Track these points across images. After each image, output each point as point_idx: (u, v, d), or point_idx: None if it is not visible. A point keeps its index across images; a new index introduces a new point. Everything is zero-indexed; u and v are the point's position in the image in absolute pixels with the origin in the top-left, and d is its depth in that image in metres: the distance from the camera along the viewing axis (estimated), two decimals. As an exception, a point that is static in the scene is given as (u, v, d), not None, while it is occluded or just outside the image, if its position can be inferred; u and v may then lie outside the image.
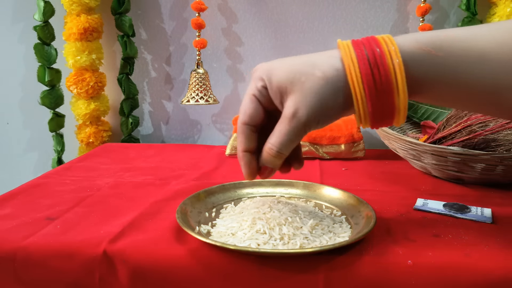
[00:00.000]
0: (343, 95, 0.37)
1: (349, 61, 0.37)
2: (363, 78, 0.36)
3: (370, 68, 0.36)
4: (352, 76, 0.37)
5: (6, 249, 0.43)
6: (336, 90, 0.37)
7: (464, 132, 0.60)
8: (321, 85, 0.38)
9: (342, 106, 0.38)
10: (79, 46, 0.88)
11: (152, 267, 0.41)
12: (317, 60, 0.39)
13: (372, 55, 0.37)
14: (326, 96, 0.38)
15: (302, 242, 0.40)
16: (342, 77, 0.37)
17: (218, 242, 0.39)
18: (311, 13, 0.90)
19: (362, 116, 0.38)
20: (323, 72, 0.38)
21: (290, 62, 0.40)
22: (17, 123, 1.03)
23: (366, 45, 0.38)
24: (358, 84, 0.37)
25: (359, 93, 0.37)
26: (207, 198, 0.51)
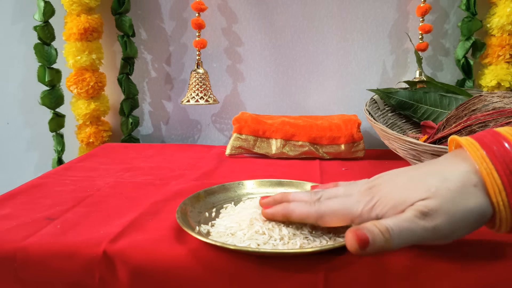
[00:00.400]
0: (490, 215, 0.35)
1: (491, 180, 0.34)
2: (504, 185, 0.34)
3: (510, 171, 0.34)
4: (497, 200, 0.34)
5: (6, 249, 0.43)
6: (484, 214, 0.35)
7: (464, 132, 0.60)
8: (463, 199, 0.35)
9: (485, 223, 0.36)
10: (79, 46, 0.88)
11: (152, 267, 0.41)
12: (445, 173, 0.36)
13: (506, 154, 0.34)
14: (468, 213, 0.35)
15: (302, 242, 0.40)
16: (486, 199, 0.35)
17: (218, 242, 0.39)
18: (311, 13, 0.90)
19: (504, 223, 0.35)
20: (456, 185, 0.35)
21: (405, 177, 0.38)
22: (17, 123, 1.03)
23: (493, 143, 0.35)
24: (504, 207, 0.34)
25: (504, 216, 0.34)
26: (207, 198, 0.52)
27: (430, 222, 0.34)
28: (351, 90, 0.93)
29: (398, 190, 0.37)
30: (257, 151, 0.79)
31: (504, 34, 0.81)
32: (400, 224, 0.34)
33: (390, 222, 0.35)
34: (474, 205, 0.34)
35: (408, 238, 0.35)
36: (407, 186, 0.37)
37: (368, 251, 0.34)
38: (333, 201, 0.40)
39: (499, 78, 0.81)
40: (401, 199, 0.36)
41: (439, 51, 0.90)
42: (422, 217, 0.34)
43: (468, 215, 0.34)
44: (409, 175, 0.38)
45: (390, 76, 0.91)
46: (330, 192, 0.41)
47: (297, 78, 0.94)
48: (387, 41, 0.90)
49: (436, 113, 0.77)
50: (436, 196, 0.35)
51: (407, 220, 0.34)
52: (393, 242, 0.34)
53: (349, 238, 0.34)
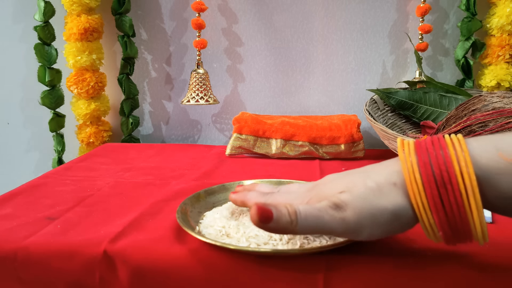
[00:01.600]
0: (406, 213, 0.34)
1: (410, 176, 0.34)
2: (430, 203, 0.33)
3: (437, 190, 0.33)
4: (417, 201, 0.33)
5: (6, 249, 0.43)
6: (397, 206, 0.34)
7: (463, 132, 0.60)
8: (374, 198, 0.35)
9: (401, 225, 0.35)
10: (79, 46, 0.88)
11: (152, 267, 0.41)
12: (368, 170, 0.37)
13: (439, 171, 0.33)
14: (381, 211, 0.34)
15: (301, 242, 0.40)
16: (402, 194, 0.34)
17: (218, 242, 0.39)
18: (311, 13, 0.90)
19: (433, 237, 0.35)
20: (376, 183, 0.35)
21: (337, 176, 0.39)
22: (18, 123, 1.03)
23: (431, 155, 0.33)
24: (424, 209, 0.33)
25: (425, 217, 0.34)
26: (207, 198, 0.52)
27: (339, 213, 0.35)
28: (351, 90, 0.93)
29: (328, 186, 0.38)
30: (257, 151, 0.79)
31: (503, 34, 0.81)
32: (310, 210, 0.35)
33: (301, 207, 0.35)
34: (388, 203, 0.34)
35: (315, 224, 0.35)
36: (335, 182, 0.38)
37: (271, 227, 0.34)
38: (280, 196, 0.41)
39: (498, 78, 0.82)
40: (326, 194, 0.37)
41: (439, 51, 0.90)
42: (334, 207, 0.35)
43: (379, 213, 0.34)
44: (347, 173, 0.39)
45: (390, 76, 0.91)
46: (287, 188, 0.43)
47: (297, 78, 0.94)
48: (387, 41, 0.90)
49: (436, 113, 0.77)
50: (351, 191, 0.35)
51: (318, 208, 0.35)
52: (298, 224, 0.34)
53: (252, 210, 0.34)
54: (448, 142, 0.34)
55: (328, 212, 0.35)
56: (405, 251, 0.40)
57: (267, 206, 0.34)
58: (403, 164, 0.35)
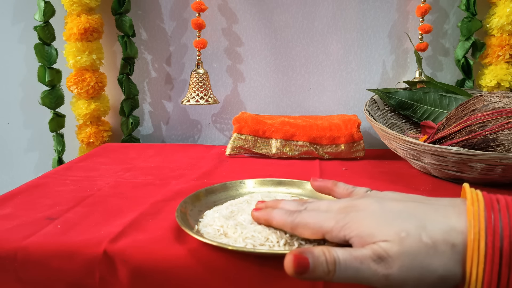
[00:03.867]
0: (454, 278, 0.31)
1: (474, 249, 0.30)
2: (485, 279, 0.29)
3: (500, 247, 0.29)
4: (471, 272, 0.30)
5: (6, 249, 0.43)
6: (447, 270, 0.30)
7: (463, 132, 0.60)
8: (427, 255, 0.31)
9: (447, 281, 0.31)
10: (79, 46, 0.88)
11: (152, 267, 0.41)
12: (428, 220, 0.32)
13: (509, 230, 0.29)
14: (431, 270, 0.31)
15: (299, 243, 0.40)
16: (459, 257, 0.30)
17: (215, 242, 0.39)
18: (311, 13, 0.90)
19: None
20: (431, 239, 0.31)
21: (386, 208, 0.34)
22: (18, 123, 1.03)
23: (502, 211, 0.30)
24: (476, 283, 0.30)
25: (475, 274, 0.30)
26: (207, 197, 0.52)
27: (383, 270, 0.31)
28: (351, 90, 0.93)
29: (370, 219, 0.34)
30: (257, 151, 0.79)
31: (503, 34, 0.81)
32: (351, 260, 0.32)
33: (341, 254, 0.32)
34: (440, 266, 0.30)
35: (353, 277, 0.32)
36: (381, 218, 0.34)
37: (305, 277, 0.32)
38: (310, 214, 0.38)
39: (498, 78, 0.82)
40: (368, 231, 0.33)
41: (439, 51, 0.90)
42: (378, 260, 0.31)
43: (427, 275, 0.31)
44: (392, 206, 0.35)
45: (390, 76, 0.91)
46: (314, 205, 0.40)
47: (297, 78, 0.94)
48: (387, 41, 0.90)
49: (436, 113, 0.77)
50: (402, 243, 0.31)
51: (359, 258, 0.32)
52: (335, 275, 0.31)
53: (288, 259, 0.32)
54: None
55: (370, 266, 0.31)
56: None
57: (304, 253, 0.32)
58: (470, 227, 0.30)
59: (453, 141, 0.61)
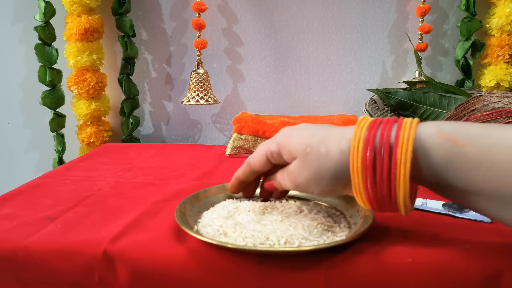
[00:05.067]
0: (345, 177, 0.37)
1: (355, 143, 0.36)
2: (363, 166, 0.36)
3: (373, 155, 0.35)
4: (353, 160, 0.36)
5: (6, 249, 0.43)
6: (338, 171, 0.38)
7: (463, 132, 0.60)
8: (321, 163, 0.38)
9: (343, 186, 0.39)
10: (80, 47, 0.88)
11: (152, 267, 0.41)
12: (329, 135, 0.39)
13: (381, 139, 0.36)
14: (324, 174, 0.38)
15: (300, 242, 0.40)
16: (346, 160, 0.37)
17: (215, 241, 0.39)
18: (311, 13, 0.90)
19: (361, 203, 0.38)
20: (327, 150, 0.38)
21: (306, 131, 0.41)
22: (18, 123, 1.04)
23: (382, 127, 0.37)
24: (357, 171, 0.36)
25: (356, 181, 0.37)
26: (207, 197, 0.52)
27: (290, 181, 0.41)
28: (350, 90, 0.93)
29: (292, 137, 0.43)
30: (257, 151, 0.79)
31: (503, 34, 0.81)
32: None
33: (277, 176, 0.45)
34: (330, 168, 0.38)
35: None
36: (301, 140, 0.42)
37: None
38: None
39: (498, 78, 0.82)
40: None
41: (439, 51, 0.90)
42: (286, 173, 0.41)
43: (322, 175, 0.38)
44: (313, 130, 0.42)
45: (389, 76, 0.92)
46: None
47: (297, 78, 0.94)
48: (387, 41, 0.90)
49: (435, 113, 0.77)
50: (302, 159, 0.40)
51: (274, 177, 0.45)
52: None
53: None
54: (402, 119, 0.37)
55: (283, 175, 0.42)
56: (405, 251, 0.40)
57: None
58: (355, 130, 0.37)
59: (452, 141, 0.61)
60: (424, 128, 0.36)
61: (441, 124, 0.36)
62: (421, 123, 0.36)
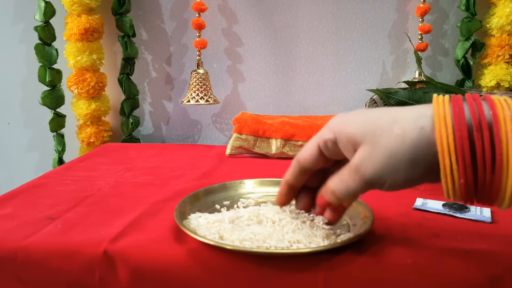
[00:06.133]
0: (426, 161, 0.31)
1: (441, 120, 0.30)
2: (457, 144, 0.30)
3: (468, 133, 0.30)
4: (442, 138, 0.30)
5: (6, 249, 0.43)
6: (417, 154, 0.31)
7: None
8: (398, 145, 0.32)
9: (422, 173, 0.32)
10: (79, 47, 0.88)
11: (152, 267, 0.41)
12: (400, 115, 0.33)
13: (476, 116, 0.30)
14: (401, 158, 0.32)
15: (297, 245, 0.40)
16: (428, 138, 0.31)
17: (214, 242, 0.39)
18: (311, 13, 0.90)
19: (451, 191, 0.31)
20: (403, 129, 0.32)
21: (368, 114, 0.35)
22: (18, 123, 1.04)
23: (469, 103, 0.31)
24: (449, 150, 0.30)
25: (448, 163, 0.30)
26: (206, 197, 0.52)
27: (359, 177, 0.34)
28: (350, 90, 0.93)
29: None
30: (257, 151, 0.79)
31: (503, 34, 0.81)
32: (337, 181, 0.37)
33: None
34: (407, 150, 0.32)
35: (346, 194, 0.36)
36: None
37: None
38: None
39: (498, 78, 0.82)
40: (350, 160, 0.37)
41: (439, 51, 0.90)
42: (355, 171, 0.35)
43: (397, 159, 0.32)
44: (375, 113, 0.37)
45: (389, 76, 0.92)
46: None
47: (297, 78, 0.94)
48: (387, 41, 0.90)
49: (435, 113, 0.77)
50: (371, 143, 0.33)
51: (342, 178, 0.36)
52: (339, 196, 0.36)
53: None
54: (490, 97, 0.31)
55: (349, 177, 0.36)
56: (405, 252, 0.40)
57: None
58: (435, 109, 0.31)
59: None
60: None
61: None
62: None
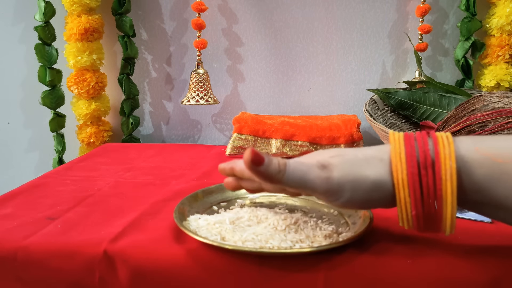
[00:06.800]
0: (385, 186, 0.36)
1: (396, 155, 0.36)
2: (409, 179, 0.35)
3: (418, 170, 0.35)
4: (397, 172, 0.35)
5: (6, 249, 0.43)
6: (378, 179, 0.36)
7: (463, 132, 0.60)
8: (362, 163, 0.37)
9: (379, 197, 0.37)
10: (79, 47, 0.88)
11: (152, 267, 0.41)
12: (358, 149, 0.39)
13: (422, 154, 0.35)
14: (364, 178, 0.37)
15: (300, 245, 0.40)
16: (386, 169, 0.36)
17: (216, 242, 0.39)
18: (311, 13, 0.90)
19: (405, 221, 0.37)
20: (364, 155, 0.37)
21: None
22: (18, 123, 1.04)
23: (419, 142, 0.36)
24: (403, 183, 0.35)
25: (402, 195, 0.36)
26: (205, 198, 0.52)
27: (324, 173, 0.37)
28: (350, 90, 0.93)
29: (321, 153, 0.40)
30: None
31: (503, 34, 0.81)
32: (299, 165, 0.37)
33: (291, 161, 0.38)
34: (371, 173, 0.36)
35: (299, 178, 0.37)
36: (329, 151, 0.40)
37: (260, 171, 0.36)
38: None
39: (498, 78, 0.82)
40: (317, 157, 0.39)
41: (439, 51, 0.90)
42: (321, 167, 0.37)
43: (361, 179, 0.36)
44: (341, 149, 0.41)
45: (389, 76, 0.92)
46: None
47: (297, 78, 0.94)
48: (387, 41, 0.90)
49: (435, 113, 0.77)
50: (340, 156, 0.38)
51: (306, 165, 0.37)
52: (285, 174, 0.36)
53: (247, 152, 0.36)
54: (435, 134, 0.37)
55: (314, 170, 0.37)
56: (405, 251, 0.40)
57: (261, 153, 0.37)
58: (392, 145, 0.37)
59: (452, 141, 0.61)
60: (462, 144, 0.35)
61: (476, 140, 0.36)
62: (456, 138, 0.36)
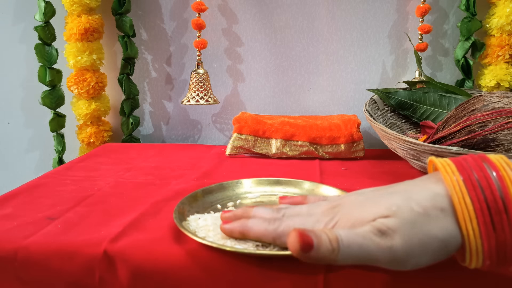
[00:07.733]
0: (458, 245, 0.32)
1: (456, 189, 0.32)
2: (475, 207, 0.31)
3: (484, 196, 0.31)
4: (461, 205, 0.31)
5: (6, 249, 0.43)
6: (449, 242, 0.31)
7: (463, 132, 0.60)
8: (423, 222, 0.32)
9: (451, 253, 0.32)
10: (80, 47, 0.88)
11: (152, 267, 0.41)
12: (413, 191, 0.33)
13: (486, 181, 0.31)
14: (432, 237, 0.31)
15: None
16: (454, 226, 0.31)
17: (216, 244, 0.39)
18: (311, 13, 0.90)
19: (475, 257, 0.32)
20: (423, 207, 0.32)
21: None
22: (18, 123, 1.04)
23: (474, 168, 0.32)
24: (469, 216, 0.31)
25: (474, 246, 0.31)
26: (205, 198, 0.52)
27: (386, 242, 0.31)
28: (350, 90, 0.93)
29: (359, 208, 0.35)
30: (257, 151, 0.79)
31: (503, 34, 0.81)
32: (353, 236, 0.32)
33: (342, 232, 0.32)
34: (438, 230, 0.31)
35: (358, 253, 0.32)
36: (369, 204, 0.35)
37: (311, 256, 0.31)
38: (294, 220, 0.37)
39: (498, 78, 0.82)
40: (361, 217, 0.34)
41: (439, 51, 0.90)
42: (379, 234, 0.32)
43: (429, 241, 0.31)
44: (374, 193, 0.36)
45: (389, 76, 0.92)
46: (293, 210, 0.39)
47: (297, 78, 0.94)
48: (387, 41, 0.90)
49: (435, 113, 0.77)
50: (397, 215, 0.32)
51: (361, 235, 0.32)
52: (340, 253, 0.31)
53: (292, 237, 0.31)
54: (495, 162, 0.32)
55: (373, 239, 0.32)
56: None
57: (306, 232, 0.31)
58: (450, 187, 0.32)
59: (452, 141, 0.61)
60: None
61: None
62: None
